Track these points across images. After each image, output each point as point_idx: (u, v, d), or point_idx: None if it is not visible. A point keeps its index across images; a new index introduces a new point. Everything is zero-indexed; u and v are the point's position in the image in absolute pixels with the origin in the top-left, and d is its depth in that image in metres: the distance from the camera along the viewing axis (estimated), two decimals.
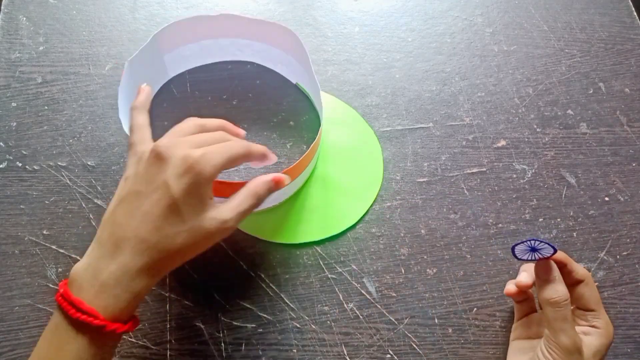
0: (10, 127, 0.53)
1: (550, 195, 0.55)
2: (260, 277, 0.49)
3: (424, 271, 0.50)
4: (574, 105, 0.60)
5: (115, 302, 0.33)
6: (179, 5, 0.61)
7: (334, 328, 0.47)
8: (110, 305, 0.33)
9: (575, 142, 0.58)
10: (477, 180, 0.55)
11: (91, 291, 0.33)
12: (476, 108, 0.59)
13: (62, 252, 0.48)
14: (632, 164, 0.58)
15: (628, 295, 0.52)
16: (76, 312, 0.32)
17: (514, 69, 0.62)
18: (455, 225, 0.53)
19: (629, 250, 0.54)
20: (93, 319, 0.32)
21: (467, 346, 0.48)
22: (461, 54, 0.62)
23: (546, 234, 0.53)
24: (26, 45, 0.57)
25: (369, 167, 0.54)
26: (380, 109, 0.58)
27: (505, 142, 0.58)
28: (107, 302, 0.33)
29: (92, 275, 0.33)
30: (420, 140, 0.56)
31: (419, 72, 0.60)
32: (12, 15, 0.59)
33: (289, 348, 0.47)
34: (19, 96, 0.54)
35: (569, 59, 0.63)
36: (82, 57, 0.57)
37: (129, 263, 0.33)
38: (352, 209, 0.52)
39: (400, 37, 0.63)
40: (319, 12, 0.63)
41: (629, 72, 0.63)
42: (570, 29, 0.65)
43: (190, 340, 0.46)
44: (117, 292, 0.33)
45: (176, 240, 0.34)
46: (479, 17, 0.65)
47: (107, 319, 0.32)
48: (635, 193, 0.56)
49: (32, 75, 0.56)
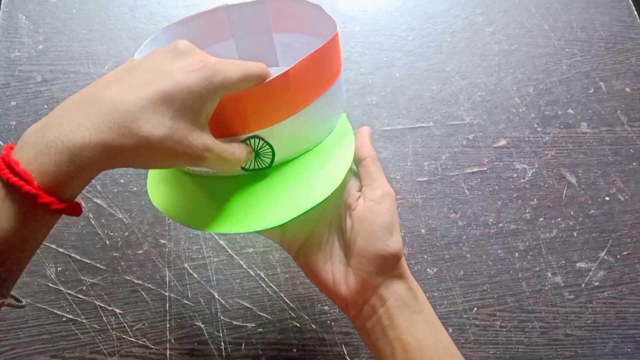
0: (9, 126, 0.53)
1: (551, 195, 0.55)
2: (260, 277, 0.49)
3: (424, 271, 0.50)
4: (574, 105, 0.60)
5: (56, 170, 0.26)
6: (179, 4, 0.61)
7: (334, 328, 0.47)
8: (49, 172, 0.26)
9: (575, 142, 0.58)
10: (478, 180, 0.55)
11: (32, 152, 0.26)
12: (477, 107, 0.59)
13: (61, 251, 0.48)
14: (633, 164, 0.58)
15: (628, 295, 0.51)
16: (8, 173, 0.26)
17: (515, 68, 0.62)
18: (456, 224, 0.53)
19: (629, 250, 0.53)
20: (25, 183, 0.26)
21: (467, 346, 0.48)
22: (461, 53, 0.62)
23: (547, 233, 0.53)
24: (26, 44, 0.57)
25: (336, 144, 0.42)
26: (380, 108, 0.58)
27: (505, 142, 0.57)
28: (45, 168, 0.26)
29: (41, 134, 0.27)
30: (420, 140, 0.56)
31: (419, 71, 0.60)
32: (12, 14, 0.59)
33: (289, 348, 0.46)
34: (18, 95, 0.54)
35: (570, 58, 0.63)
36: (81, 56, 0.57)
37: (88, 128, 0.26)
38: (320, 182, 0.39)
39: (400, 36, 0.62)
40: None
41: (630, 72, 0.63)
42: (571, 28, 0.65)
43: (190, 340, 0.46)
44: (62, 158, 0.26)
45: (154, 131, 0.28)
46: (479, 16, 0.65)
47: (43, 189, 0.26)
48: (635, 193, 0.56)
49: (32, 74, 0.55)
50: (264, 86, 0.33)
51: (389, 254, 0.35)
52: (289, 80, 0.34)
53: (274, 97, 0.33)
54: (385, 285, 0.35)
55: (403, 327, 0.34)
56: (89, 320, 0.46)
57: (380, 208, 0.36)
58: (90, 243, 0.49)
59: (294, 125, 0.36)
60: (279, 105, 0.34)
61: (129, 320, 0.47)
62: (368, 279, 0.35)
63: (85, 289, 0.47)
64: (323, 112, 0.38)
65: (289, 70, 0.33)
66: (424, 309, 0.36)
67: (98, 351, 0.45)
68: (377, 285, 0.35)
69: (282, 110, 0.35)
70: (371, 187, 0.37)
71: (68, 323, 0.46)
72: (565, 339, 0.49)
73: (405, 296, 0.35)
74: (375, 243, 0.35)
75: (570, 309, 0.51)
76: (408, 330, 0.35)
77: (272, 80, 0.33)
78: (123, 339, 0.46)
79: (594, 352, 0.49)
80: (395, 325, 0.34)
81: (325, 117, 0.39)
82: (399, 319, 0.35)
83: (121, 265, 0.48)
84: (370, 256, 0.35)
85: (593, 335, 0.50)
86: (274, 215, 0.35)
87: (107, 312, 0.47)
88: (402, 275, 0.36)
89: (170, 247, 0.49)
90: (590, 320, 0.50)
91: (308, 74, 0.35)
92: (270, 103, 0.33)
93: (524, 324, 0.50)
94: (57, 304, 0.46)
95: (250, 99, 0.33)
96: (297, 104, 0.35)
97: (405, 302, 0.35)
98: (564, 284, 0.51)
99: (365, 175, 0.38)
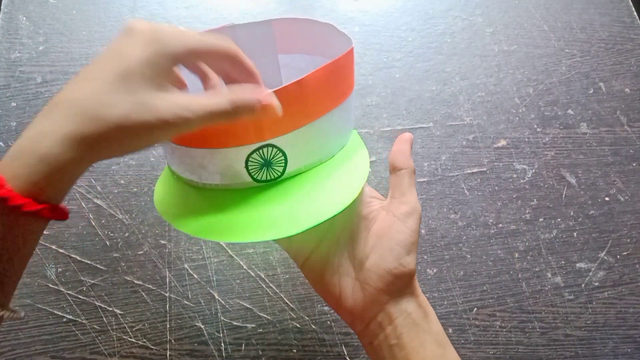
0: (10, 126, 0.53)
1: (551, 195, 0.55)
2: (260, 277, 0.49)
3: (424, 271, 0.50)
4: (574, 105, 0.60)
5: (29, 173, 0.26)
6: (179, 5, 0.61)
7: (334, 328, 0.47)
8: (22, 175, 0.26)
9: (575, 142, 0.58)
10: (478, 180, 0.55)
11: (6, 160, 0.26)
12: (476, 108, 0.59)
13: (61, 252, 0.48)
14: (633, 164, 0.58)
15: (628, 295, 0.51)
16: None
17: (514, 68, 0.62)
18: (456, 225, 0.53)
19: (629, 250, 0.53)
20: None
21: (467, 346, 0.48)
22: (461, 53, 0.62)
23: (546, 233, 0.53)
24: (26, 45, 0.57)
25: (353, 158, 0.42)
26: (380, 109, 0.58)
27: (505, 142, 0.57)
28: (17, 171, 0.26)
29: (16, 144, 0.27)
30: (420, 140, 0.56)
31: (419, 72, 0.60)
32: (12, 15, 0.59)
33: (289, 348, 0.46)
34: (18, 96, 0.54)
35: (569, 59, 0.63)
36: (82, 57, 0.57)
37: (52, 126, 0.27)
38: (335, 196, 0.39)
39: (400, 37, 0.63)
40: (319, 12, 0.63)
41: (629, 72, 0.63)
42: (571, 29, 0.65)
43: (190, 340, 0.46)
44: (32, 160, 0.26)
45: (115, 110, 0.27)
46: (479, 16, 0.65)
47: (18, 192, 0.26)
48: (635, 193, 0.56)
49: (32, 75, 0.55)
50: (278, 92, 0.32)
51: (403, 273, 0.33)
52: (303, 88, 0.34)
53: (288, 104, 0.33)
54: (394, 302, 0.34)
55: (411, 347, 0.33)
56: (89, 321, 0.46)
57: (402, 227, 0.34)
58: (91, 244, 0.49)
59: (307, 136, 0.35)
60: (293, 113, 0.34)
61: (129, 321, 0.47)
62: (376, 294, 0.34)
63: (86, 289, 0.47)
64: (336, 125, 0.38)
65: (303, 78, 0.33)
66: (433, 328, 0.34)
67: (98, 352, 0.45)
68: (385, 302, 0.34)
69: (296, 119, 0.34)
70: (399, 202, 0.35)
71: (68, 324, 0.46)
72: (565, 339, 0.49)
73: (415, 314, 0.34)
74: (390, 261, 0.34)
75: (570, 310, 0.51)
76: (416, 350, 0.33)
77: (286, 87, 0.32)
78: (123, 339, 0.46)
79: (593, 353, 0.49)
80: (403, 344, 0.33)
81: (338, 131, 0.39)
82: (407, 338, 0.33)
83: (121, 266, 0.48)
84: (381, 273, 0.34)
85: (593, 335, 0.50)
86: (287, 225, 0.34)
87: (108, 312, 0.47)
88: (413, 293, 0.34)
89: (171, 247, 0.49)
90: (590, 321, 0.50)
91: (323, 84, 0.35)
92: (284, 110, 0.33)
93: (524, 324, 0.50)
94: (58, 304, 0.47)
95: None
96: (311, 114, 0.35)
97: (414, 320, 0.34)
98: (563, 285, 0.52)
99: (396, 187, 0.36)
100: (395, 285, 0.34)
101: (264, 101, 0.31)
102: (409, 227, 0.34)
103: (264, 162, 0.35)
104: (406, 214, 0.35)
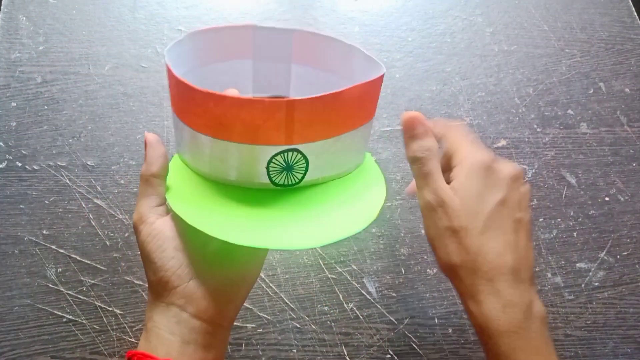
0: (10, 126, 0.53)
1: (551, 195, 0.55)
2: (260, 277, 0.49)
3: (424, 271, 0.50)
4: (574, 105, 0.60)
5: (168, 346, 0.31)
6: (179, 5, 0.61)
7: (334, 328, 0.47)
8: (161, 349, 0.31)
9: (575, 142, 0.58)
10: None
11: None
12: (476, 108, 0.59)
13: (61, 252, 0.48)
14: (632, 164, 0.58)
15: (628, 295, 0.51)
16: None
17: (514, 68, 0.62)
18: None
19: (629, 250, 0.54)
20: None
21: (468, 346, 0.48)
22: (461, 53, 0.62)
23: (546, 233, 0.53)
24: (26, 45, 0.57)
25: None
26: (380, 109, 0.58)
27: (505, 142, 0.57)
28: (155, 345, 0.31)
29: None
30: None
31: (419, 72, 0.60)
32: (12, 15, 0.59)
33: (289, 348, 0.46)
34: (18, 96, 0.54)
35: (569, 59, 0.63)
36: (82, 57, 0.57)
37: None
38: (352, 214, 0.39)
39: (400, 37, 0.63)
40: (319, 12, 0.63)
41: (629, 72, 0.63)
42: (571, 29, 0.65)
43: None
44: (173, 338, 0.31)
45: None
46: (479, 16, 0.65)
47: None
48: (635, 193, 0.56)
49: (32, 75, 0.55)
50: (317, 99, 0.33)
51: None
52: (339, 100, 0.34)
53: (322, 113, 0.33)
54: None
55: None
56: (89, 321, 0.46)
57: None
58: (91, 244, 0.49)
59: (332, 147, 0.35)
60: (325, 122, 0.34)
61: (129, 321, 0.47)
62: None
63: (86, 289, 0.47)
64: (358, 143, 0.38)
65: (342, 91, 0.33)
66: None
67: (98, 352, 0.45)
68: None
69: (327, 129, 0.34)
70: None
71: (68, 324, 0.46)
72: (565, 339, 0.49)
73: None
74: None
75: (570, 310, 0.51)
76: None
77: (324, 96, 0.33)
78: (123, 339, 0.46)
79: (593, 353, 0.49)
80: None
81: (358, 149, 0.39)
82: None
83: (121, 266, 0.48)
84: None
85: (593, 335, 0.50)
86: (302, 238, 0.34)
87: (108, 312, 0.47)
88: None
89: None
90: (590, 321, 0.50)
91: (356, 101, 0.35)
92: (317, 117, 0.33)
93: None
94: (58, 304, 0.47)
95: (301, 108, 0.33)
96: (341, 127, 0.35)
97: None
98: (563, 285, 0.51)
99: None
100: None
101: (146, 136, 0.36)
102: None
103: (285, 166, 0.35)
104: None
